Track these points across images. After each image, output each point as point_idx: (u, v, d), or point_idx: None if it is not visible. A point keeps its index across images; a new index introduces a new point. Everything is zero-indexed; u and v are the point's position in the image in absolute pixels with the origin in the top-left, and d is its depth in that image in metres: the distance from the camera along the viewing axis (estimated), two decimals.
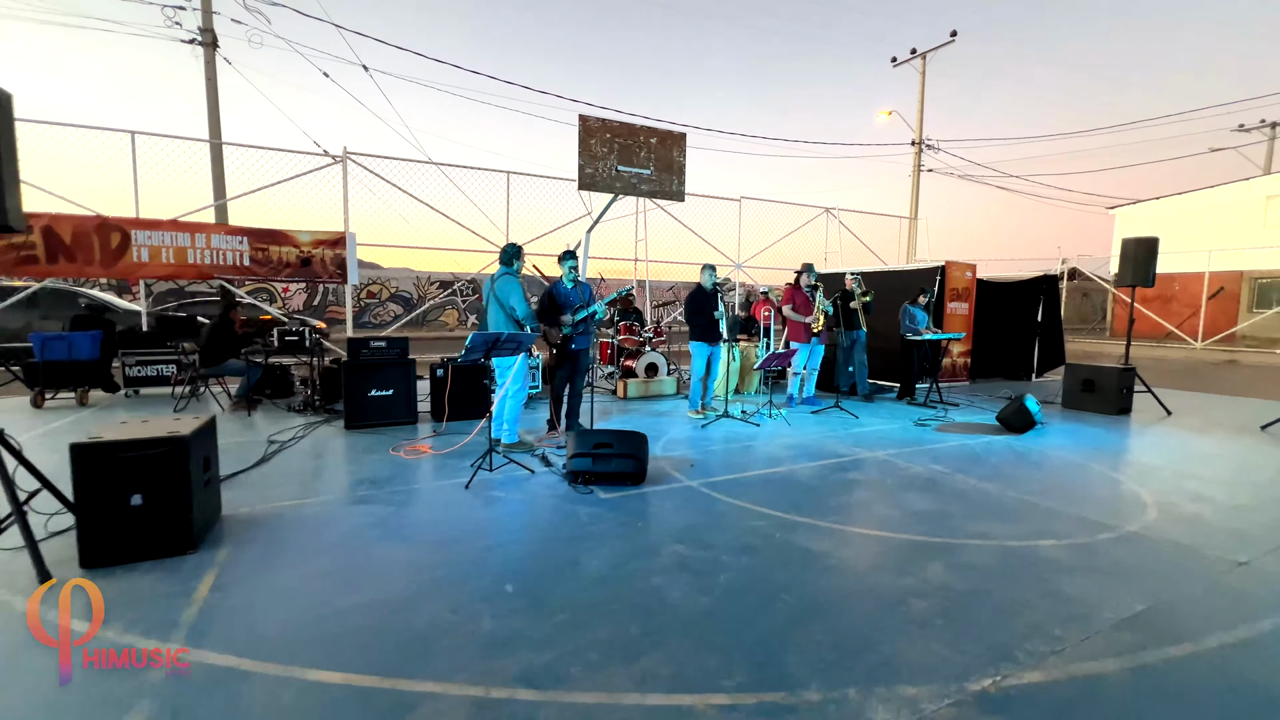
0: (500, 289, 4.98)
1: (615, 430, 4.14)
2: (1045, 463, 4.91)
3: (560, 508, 3.65)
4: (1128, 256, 8.04)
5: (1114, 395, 7.41)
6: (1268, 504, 3.93)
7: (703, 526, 3.38)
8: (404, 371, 5.91)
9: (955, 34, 18.98)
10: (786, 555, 3.02)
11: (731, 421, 6.27)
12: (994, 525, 3.48)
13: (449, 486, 4.04)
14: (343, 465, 4.54)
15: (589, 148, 7.89)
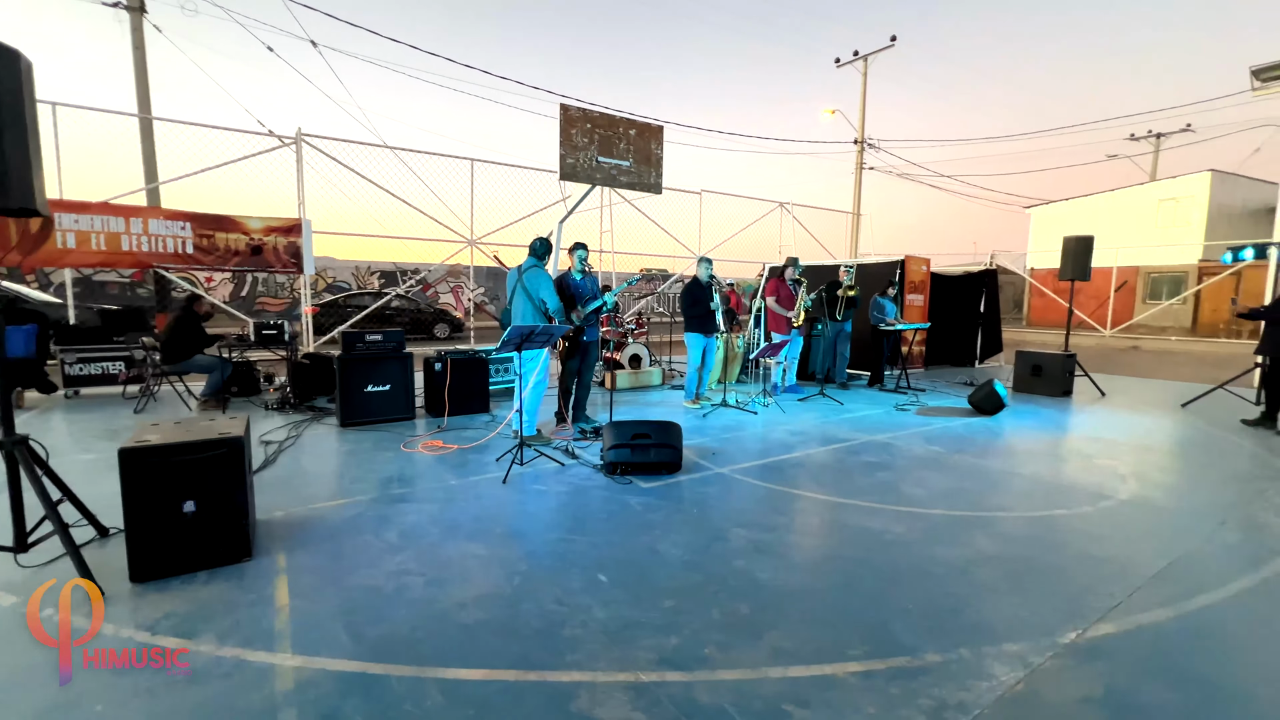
0: (530, 281, 4.90)
1: (651, 421, 4.20)
2: (1025, 442, 5.37)
3: (610, 498, 3.68)
4: (1068, 252, 8.83)
5: (1059, 379, 8.15)
6: (1215, 471, 4.49)
7: (755, 511, 3.51)
8: (402, 366, 5.69)
9: (894, 39, 19.97)
10: (846, 534, 3.20)
11: (729, 410, 6.45)
12: (1009, 499, 3.81)
13: (484, 481, 3.97)
14: (360, 464, 4.35)
15: (570, 138, 7.80)
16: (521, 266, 5.11)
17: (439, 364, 5.84)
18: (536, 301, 4.93)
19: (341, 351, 5.45)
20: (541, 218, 12.17)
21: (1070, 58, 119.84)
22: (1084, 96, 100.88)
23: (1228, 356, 13.81)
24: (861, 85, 21.28)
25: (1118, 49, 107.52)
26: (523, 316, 4.98)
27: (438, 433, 5.31)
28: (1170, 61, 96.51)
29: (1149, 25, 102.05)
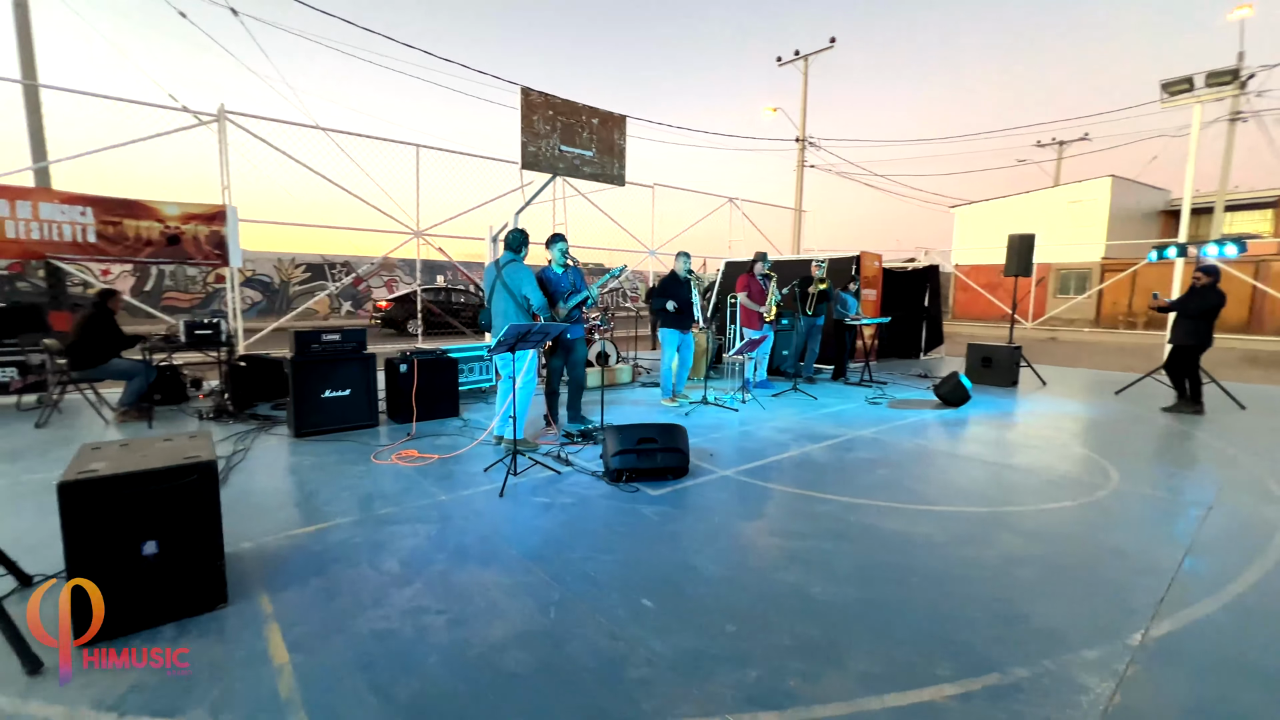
0: (510, 277, 4.56)
1: (655, 424, 3.97)
2: (1000, 433, 5.54)
3: (622, 509, 3.42)
4: (1013, 250, 9.29)
5: (1007, 370, 8.55)
6: (1173, 455, 4.77)
7: (777, 517, 3.37)
8: (363, 367, 5.17)
9: (834, 40, 20.51)
10: (876, 538, 3.10)
11: (710, 408, 6.31)
12: (1013, 493, 3.85)
13: (479, 495, 3.61)
14: (329, 480, 3.87)
15: (531, 124, 7.41)
16: (499, 262, 4.76)
17: (404, 365, 5.36)
18: (519, 298, 4.60)
19: (294, 353, 4.87)
20: (495, 209, 11.61)
21: (993, 68, 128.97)
22: (1005, 104, 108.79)
23: (1133, 346, 15.11)
24: (802, 84, 21.77)
25: (1038, 61, 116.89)
26: (505, 315, 4.64)
27: (408, 441, 4.85)
28: (1079, 73, 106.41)
29: (1063, 40, 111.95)
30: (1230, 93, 10.55)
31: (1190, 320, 6.53)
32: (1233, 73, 10.43)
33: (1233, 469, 4.42)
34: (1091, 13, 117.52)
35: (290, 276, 21.37)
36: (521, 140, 7.34)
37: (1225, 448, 5.01)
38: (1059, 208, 23.47)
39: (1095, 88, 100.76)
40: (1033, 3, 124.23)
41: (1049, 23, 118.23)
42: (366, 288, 22.56)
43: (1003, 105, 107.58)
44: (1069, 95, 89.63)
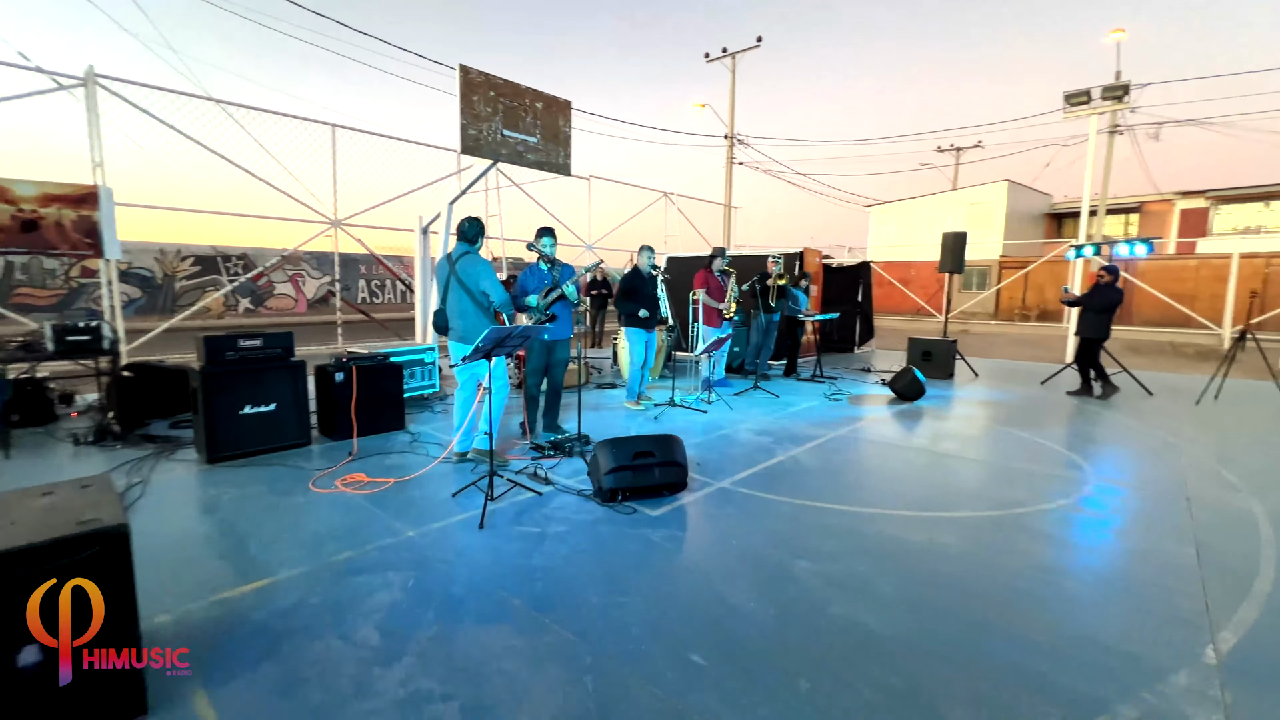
0: (465, 271, 4.01)
1: (649, 436, 3.58)
2: (963, 427, 5.61)
3: (623, 535, 3.02)
4: (947, 247, 9.65)
5: (945, 362, 8.87)
6: (1129, 446, 5.00)
7: (795, 534, 3.09)
8: (292, 377, 4.41)
9: (760, 39, 20.80)
10: (906, 553, 2.90)
11: (678, 410, 6.00)
12: (1011, 492, 3.81)
13: (455, 529, 3.09)
14: (262, 518, 3.19)
15: (471, 105, 6.79)
16: (451, 255, 4.20)
17: (340, 373, 4.64)
18: (477, 295, 4.06)
19: (205, 362, 4.06)
20: (425, 197, 10.71)
21: (902, 78, 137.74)
22: (915, 110, 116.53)
23: (1033, 337, 16.40)
24: (730, 81, 21.96)
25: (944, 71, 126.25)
26: (463, 314, 4.09)
27: (350, 461, 4.19)
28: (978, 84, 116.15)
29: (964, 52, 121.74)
30: (1122, 106, 11.56)
31: (1095, 314, 7.08)
32: (1124, 88, 11.43)
33: (1180, 456, 4.65)
34: (991, 29, 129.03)
35: (175, 270, 18.98)
36: (461, 123, 6.68)
37: (1163, 434, 5.32)
38: (961, 209, 25.21)
39: (991, 97, 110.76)
40: (941, 18, 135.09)
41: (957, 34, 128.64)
42: (268, 283, 20.48)
43: (914, 111, 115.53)
44: (970, 105, 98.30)
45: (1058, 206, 27.68)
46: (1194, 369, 9.93)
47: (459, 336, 4.15)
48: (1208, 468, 4.36)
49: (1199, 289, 19.56)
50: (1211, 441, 5.13)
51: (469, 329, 4.08)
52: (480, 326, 4.06)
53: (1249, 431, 5.56)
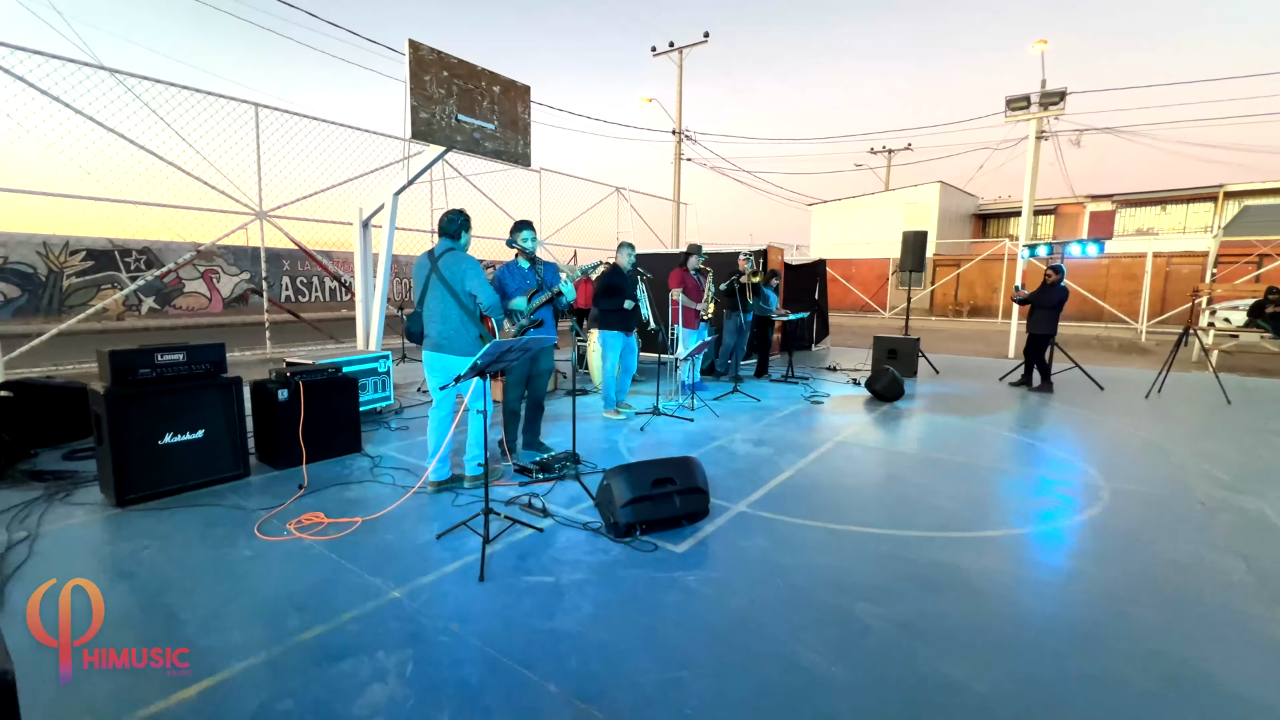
0: (450, 271, 3.46)
1: (668, 460, 3.16)
2: (960, 431, 5.51)
3: (653, 581, 2.60)
4: (908, 246, 9.72)
5: (909, 360, 8.91)
6: (1116, 448, 5.03)
7: (840, 569, 2.76)
8: (224, 397, 3.69)
9: (708, 35, 20.65)
10: (968, 584, 2.63)
11: (663, 419, 5.61)
12: (1045, 504, 3.65)
13: (449, 583, 2.56)
14: (200, 581, 2.54)
15: (422, 85, 6.13)
16: (434, 252, 3.64)
17: (284, 391, 3.94)
18: (463, 297, 3.52)
19: (110, 382, 3.29)
20: (366, 187, 9.78)
21: (843, 77, 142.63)
22: (853, 108, 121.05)
23: (970, 332, 17.10)
24: (678, 77, 21.71)
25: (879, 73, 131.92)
26: (445, 319, 3.54)
27: (302, 496, 3.53)
28: (911, 87, 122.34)
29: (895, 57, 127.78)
30: (1057, 110, 12.10)
31: (1044, 311, 7.35)
32: (1060, 94, 11.96)
33: (1166, 455, 4.70)
34: (927, 35, 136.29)
35: (64, 265, 16.79)
36: (411, 104, 6.01)
37: (1139, 432, 5.41)
38: (898, 208, 26.13)
39: (927, 100, 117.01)
40: (876, 23, 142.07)
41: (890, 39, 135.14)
42: (177, 280, 18.50)
43: (854, 112, 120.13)
44: (905, 108, 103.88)
45: (984, 207, 29.22)
46: (1123, 362, 10.49)
47: (435, 344, 3.60)
48: (1197, 467, 4.39)
49: (1110, 285, 21.00)
50: (1182, 437, 5.25)
51: (451, 335, 3.54)
52: (465, 333, 3.54)
53: (1209, 425, 5.76)
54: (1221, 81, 24.97)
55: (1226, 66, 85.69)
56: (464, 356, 3.52)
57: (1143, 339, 15.11)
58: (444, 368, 3.60)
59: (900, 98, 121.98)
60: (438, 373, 3.64)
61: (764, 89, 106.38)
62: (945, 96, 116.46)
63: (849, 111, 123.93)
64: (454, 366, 3.56)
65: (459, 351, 3.55)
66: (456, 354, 3.55)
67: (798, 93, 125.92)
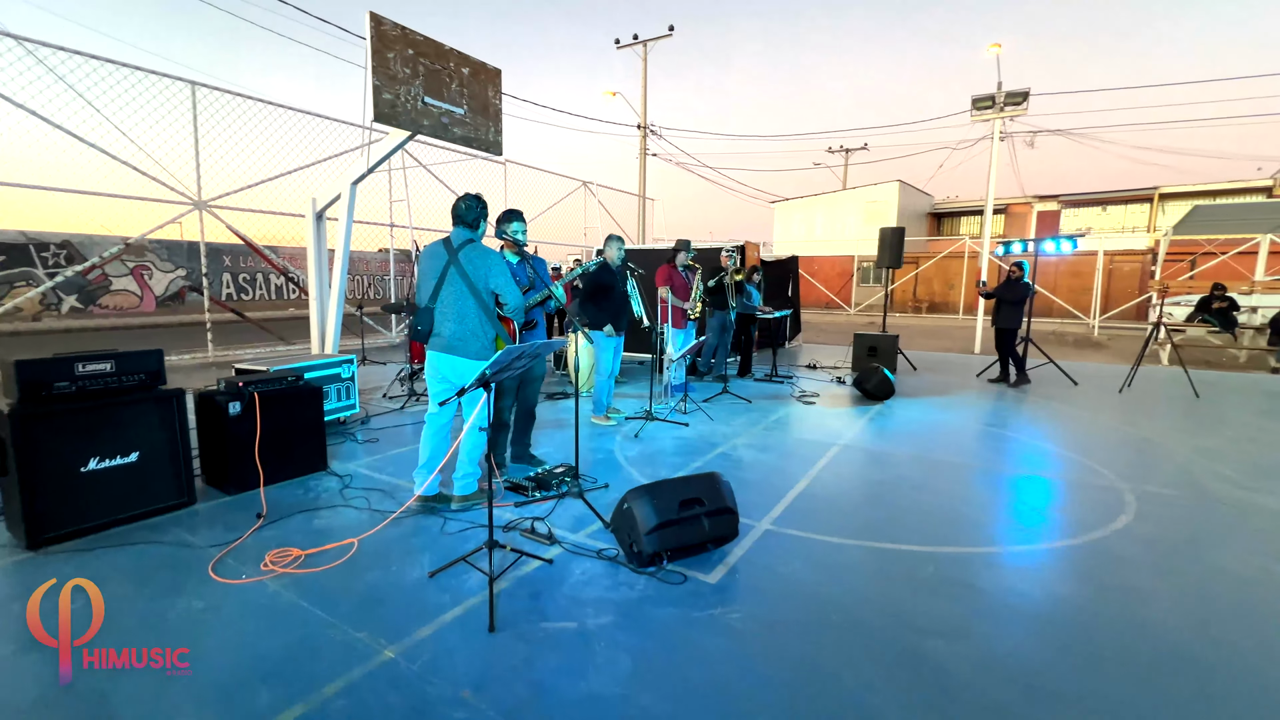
0: (474, 265, 3.08)
1: (694, 479, 2.81)
2: (963, 431, 5.37)
3: (692, 623, 2.25)
4: (885, 242, 9.65)
5: (889, 357, 8.85)
6: (1126, 447, 4.98)
7: (896, 597, 2.48)
8: (163, 413, 3.13)
9: (672, 28, 20.35)
10: (1044, 611, 2.39)
11: (656, 425, 5.26)
12: (1080, 513, 3.49)
13: (452, 632, 2.15)
14: (136, 640, 2.04)
15: (386, 64, 5.61)
16: (451, 241, 3.18)
17: (237, 403, 3.40)
18: (485, 295, 3.11)
19: (18, 399, 2.71)
20: (319, 176, 9.05)
21: (806, 75, 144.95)
22: (814, 107, 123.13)
23: (931, 328, 17.42)
24: (642, 70, 21.34)
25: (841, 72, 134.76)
26: (460, 318, 3.12)
27: (261, 527, 3.03)
28: (868, 86, 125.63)
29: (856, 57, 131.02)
30: (1020, 110, 12.33)
31: (1009, 305, 7.48)
32: (1024, 94, 12.19)
33: (1166, 453, 4.66)
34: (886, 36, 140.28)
35: None
36: (374, 84, 5.48)
37: (1128, 429, 5.41)
38: (858, 207, 26.55)
39: (887, 99, 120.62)
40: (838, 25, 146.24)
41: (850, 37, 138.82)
42: (102, 276, 16.98)
43: (815, 110, 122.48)
44: (865, 107, 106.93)
45: (938, 206, 30.02)
46: (1082, 356, 10.76)
47: (447, 345, 3.15)
48: (1203, 465, 4.35)
49: (1059, 282, 21.81)
50: (1174, 433, 5.26)
51: (465, 336, 3.12)
52: (482, 335, 3.13)
53: (1192, 419, 5.81)
54: (1162, 88, 26.39)
55: (1167, 74, 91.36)
56: (477, 360, 3.13)
57: (1095, 334, 15.68)
58: (453, 371, 3.19)
59: (860, 96, 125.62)
60: (444, 376, 3.23)
61: (728, 86, 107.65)
62: (901, 98, 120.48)
63: (809, 109, 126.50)
64: (465, 371, 3.16)
65: (473, 355, 3.14)
66: (470, 357, 3.14)
67: (760, 88, 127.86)
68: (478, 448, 3.28)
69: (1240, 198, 22.39)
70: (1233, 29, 73.35)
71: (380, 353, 9.86)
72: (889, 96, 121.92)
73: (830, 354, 10.63)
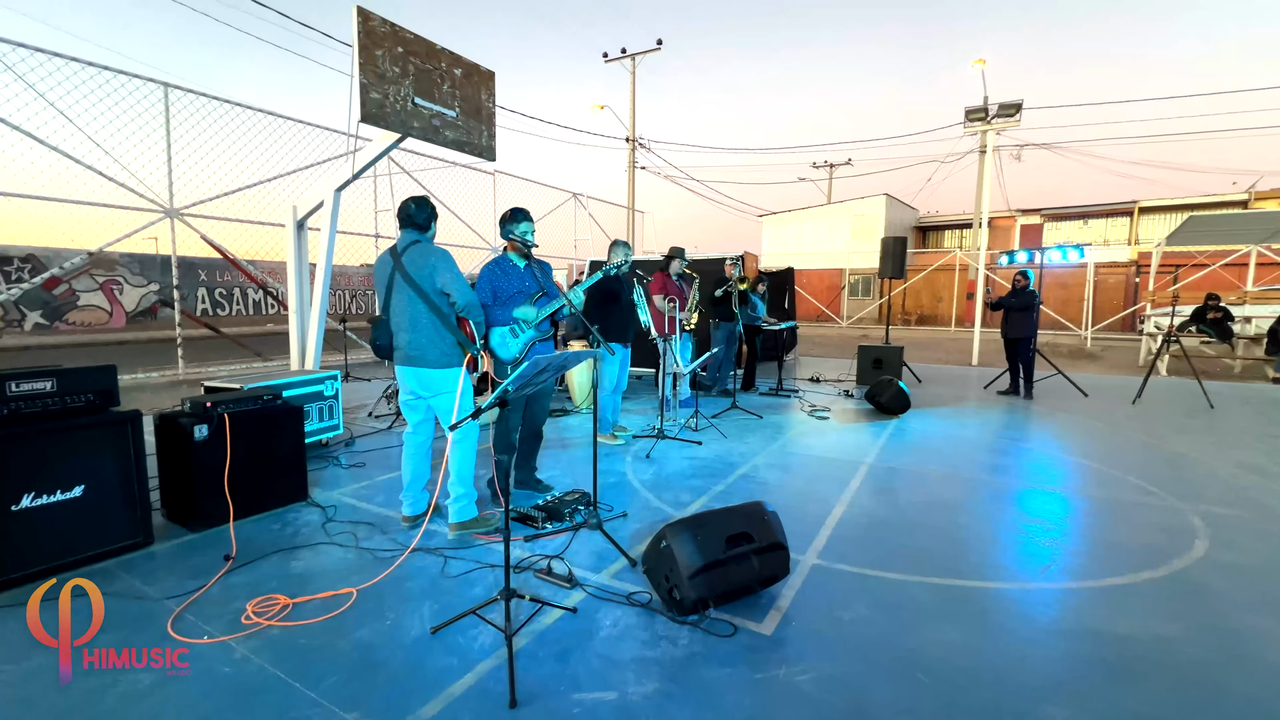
0: (416, 266, 2.78)
1: (737, 510, 2.44)
2: (994, 447, 5.08)
3: (752, 686, 1.87)
4: (887, 253, 9.47)
5: (894, 370, 8.60)
6: (1161, 463, 4.72)
7: (991, 651, 2.12)
8: (116, 439, 2.69)
9: (661, 42, 20.33)
10: (1178, 665, 2.04)
11: (667, 443, 4.89)
12: (1152, 537, 3.17)
13: (463, 711, 1.74)
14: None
15: (373, 61, 5.25)
16: (395, 247, 2.88)
17: (204, 426, 2.97)
18: (434, 296, 2.77)
19: None
20: (298, 184, 8.61)
21: (793, 89, 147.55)
22: (801, 121, 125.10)
23: (925, 340, 17.33)
24: (631, 83, 21.26)
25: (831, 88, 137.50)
26: (413, 326, 2.79)
27: (230, 571, 2.59)
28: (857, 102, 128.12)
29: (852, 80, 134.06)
30: (1013, 123, 12.32)
31: (1020, 314, 7.36)
32: (1016, 105, 12.19)
33: (1208, 469, 4.40)
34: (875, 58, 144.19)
35: None
36: (361, 82, 5.12)
37: (1153, 440, 5.16)
38: (845, 220, 26.65)
39: (871, 113, 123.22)
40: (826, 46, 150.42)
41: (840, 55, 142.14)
42: (69, 291, 16.23)
43: (802, 124, 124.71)
44: (850, 121, 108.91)
45: (923, 220, 30.28)
46: (1079, 367, 10.60)
47: (407, 357, 2.89)
48: (1251, 481, 4.09)
49: (1046, 295, 21.88)
50: (1207, 446, 5.02)
51: (423, 345, 2.83)
52: (439, 341, 2.82)
53: (1218, 431, 5.60)
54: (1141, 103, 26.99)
55: (1147, 89, 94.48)
56: (441, 369, 2.84)
57: (1088, 345, 15.68)
58: (419, 383, 2.91)
59: (846, 110, 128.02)
60: (411, 390, 2.95)
61: (716, 99, 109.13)
62: (885, 112, 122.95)
63: (795, 123, 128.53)
64: (431, 381, 2.86)
65: (434, 364, 2.85)
66: (432, 366, 2.85)
67: (748, 102, 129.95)
68: (468, 463, 2.90)
69: (1216, 211, 22.86)
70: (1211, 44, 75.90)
71: (365, 369, 9.37)
72: (873, 112, 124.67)
73: (831, 367, 10.36)
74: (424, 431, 3.04)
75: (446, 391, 2.83)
